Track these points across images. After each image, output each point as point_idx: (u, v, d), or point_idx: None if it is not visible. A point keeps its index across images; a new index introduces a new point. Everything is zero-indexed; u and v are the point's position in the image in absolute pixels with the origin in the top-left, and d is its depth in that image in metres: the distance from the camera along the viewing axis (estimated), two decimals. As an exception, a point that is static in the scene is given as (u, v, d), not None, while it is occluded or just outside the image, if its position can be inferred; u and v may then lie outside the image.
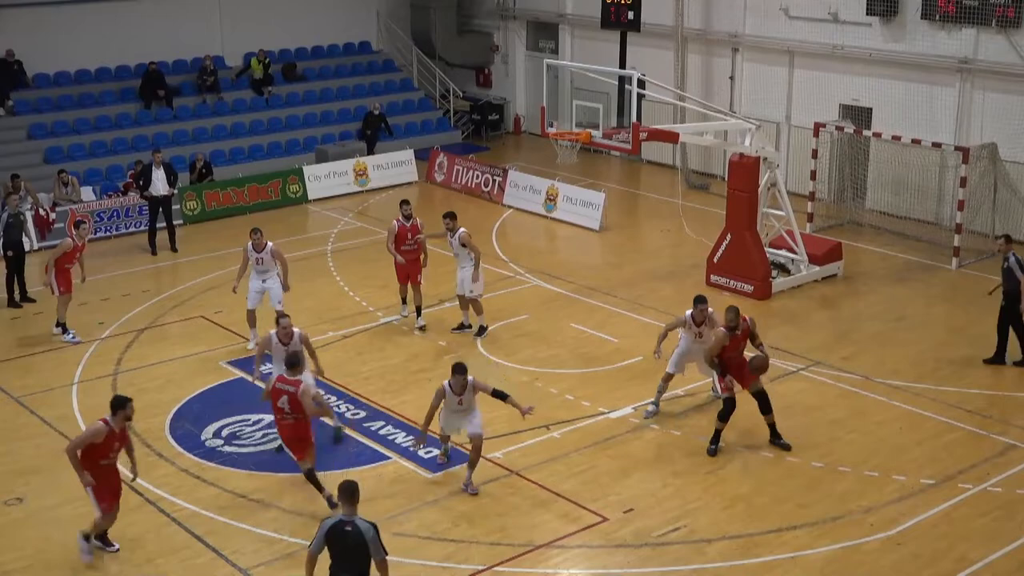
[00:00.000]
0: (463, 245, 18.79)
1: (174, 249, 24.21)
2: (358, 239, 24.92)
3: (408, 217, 19.54)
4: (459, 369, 14.07)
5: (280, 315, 15.75)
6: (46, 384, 17.54)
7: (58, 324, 19.27)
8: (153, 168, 24.06)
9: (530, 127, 34.82)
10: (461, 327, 19.33)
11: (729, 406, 15.13)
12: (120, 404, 12.58)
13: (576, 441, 15.53)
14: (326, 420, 15.24)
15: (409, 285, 19.58)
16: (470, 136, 34.76)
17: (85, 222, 20.46)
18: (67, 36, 29.89)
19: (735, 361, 15.20)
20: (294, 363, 13.92)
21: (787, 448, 15.21)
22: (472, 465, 14.25)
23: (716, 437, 15.23)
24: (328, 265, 23.10)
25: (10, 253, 20.96)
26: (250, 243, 18.42)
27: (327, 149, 30.13)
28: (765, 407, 15.29)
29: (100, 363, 18.26)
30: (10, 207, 21.48)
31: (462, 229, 18.88)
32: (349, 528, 10.27)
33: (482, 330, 19.18)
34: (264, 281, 18.51)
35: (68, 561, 12.85)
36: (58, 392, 17.26)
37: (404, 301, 19.93)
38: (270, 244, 18.46)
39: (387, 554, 10.39)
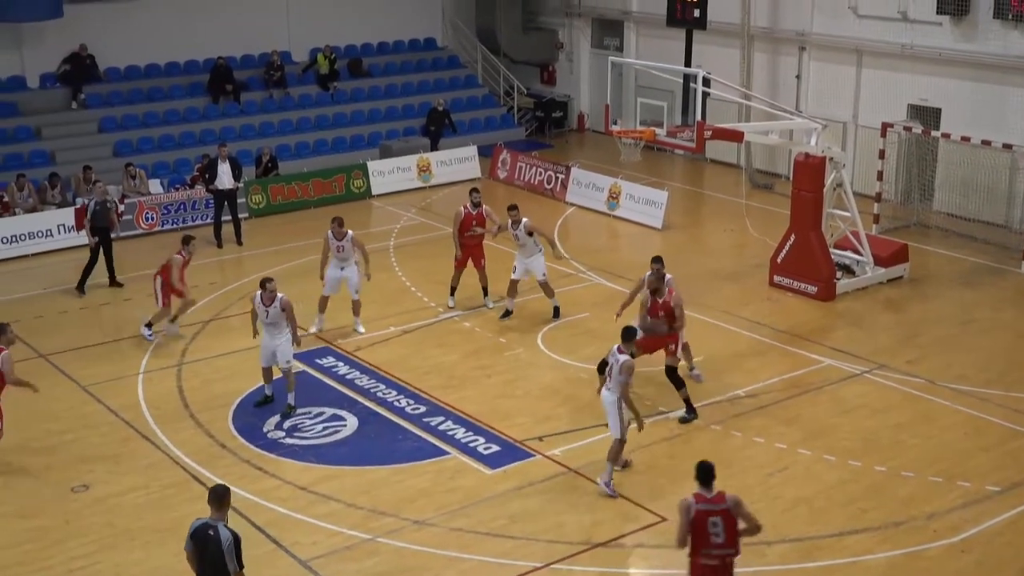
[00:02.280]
0: (529, 234, 19.33)
1: (239, 242, 24.44)
2: (420, 235, 25.00)
3: (476, 205, 20.04)
4: (631, 334, 13.90)
5: (266, 280, 16.13)
6: (113, 373, 17.78)
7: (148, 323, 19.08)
8: (219, 162, 24.30)
9: (594, 125, 34.71)
10: (507, 314, 19.76)
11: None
12: None
13: (636, 440, 15.41)
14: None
15: (476, 270, 20.14)
16: (534, 133, 34.74)
17: (194, 237, 19.50)
18: (138, 31, 30.26)
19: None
20: None
21: (688, 418, 15.81)
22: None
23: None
24: (390, 260, 23.20)
25: (96, 239, 21.30)
26: (330, 231, 18.78)
27: (391, 145, 30.25)
28: (676, 383, 15.89)
29: (165, 354, 18.47)
30: (97, 195, 21.86)
31: (525, 219, 19.36)
32: (212, 532, 10.01)
33: (557, 311, 19.64)
34: (343, 269, 18.88)
35: (131, 548, 13.01)
36: (125, 381, 17.49)
37: (452, 292, 20.19)
38: (350, 233, 18.82)
39: (242, 568, 10.04)
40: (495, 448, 15.25)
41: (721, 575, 10.48)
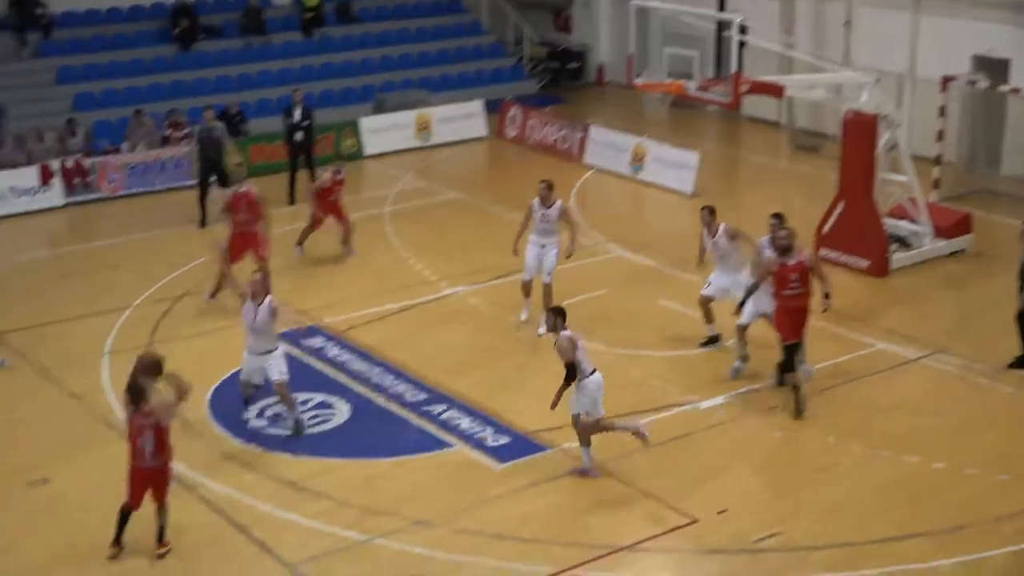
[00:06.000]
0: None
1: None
2: (419, 200, 25.04)
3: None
4: None
5: (256, 270, 16.24)
6: (75, 354, 17.87)
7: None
8: (294, 108, 24.88)
9: (615, 77, 34.65)
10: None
11: None
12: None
13: (663, 433, 15.48)
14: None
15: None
16: (547, 87, 34.72)
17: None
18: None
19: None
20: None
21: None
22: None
23: None
24: (385, 229, 23.24)
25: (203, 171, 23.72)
26: (537, 198, 18.24)
27: (386, 99, 30.26)
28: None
29: (134, 332, 18.54)
30: (204, 121, 23.89)
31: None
32: None
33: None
34: (543, 247, 18.28)
35: (96, 549, 13.10)
36: (87, 363, 17.58)
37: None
38: (559, 202, 18.30)
39: None
40: (504, 440, 15.32)
41: None
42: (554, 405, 14.30)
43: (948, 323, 18.96)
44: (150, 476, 12.86)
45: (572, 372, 14.03)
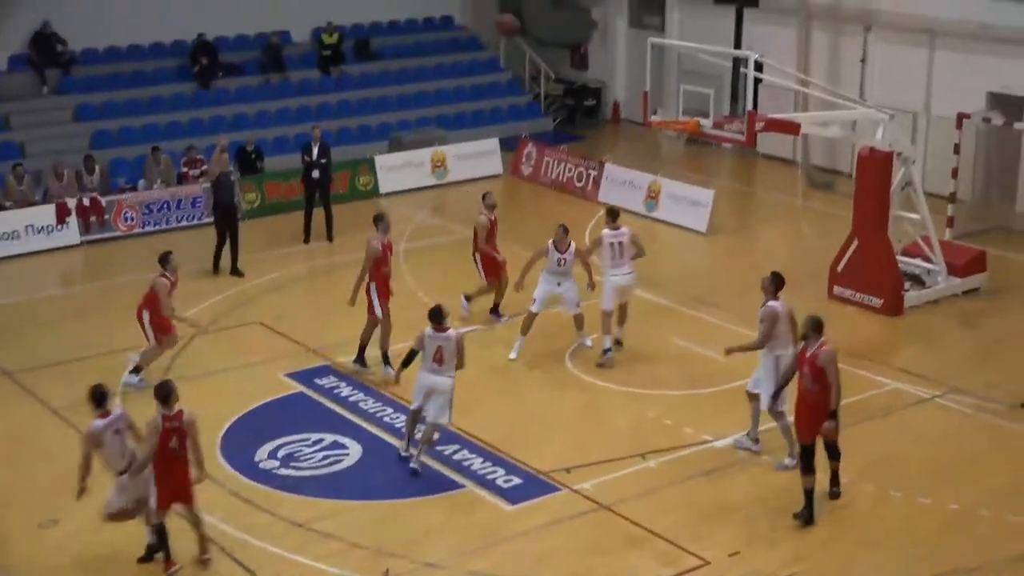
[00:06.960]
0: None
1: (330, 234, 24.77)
2: (434, 238, 25.04)
3: (492, 207, 20.68)
4: None
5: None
6: (87, 394, 17.82)
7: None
8: (312, 145, 25.09)
9: (630, 115, 34.68)
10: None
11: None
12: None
13: (675, 472, 15.44)
14: None
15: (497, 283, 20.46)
16: (563, 124, 34.78)
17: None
18: (118, 7, 30.41)
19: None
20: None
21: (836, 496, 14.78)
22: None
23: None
24: (400, 267, 23.22)
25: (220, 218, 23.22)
26: (551, 242, 18.82)
27: (402, 136, 30.31)
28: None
29: (147, 371, 18.53)
30: (219, 166, 23.44)
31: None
32: None
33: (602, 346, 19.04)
34: (559, 285, 18.90)
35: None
36: (100, 403, 17.55)
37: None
38: (573, 244, 18.87)
39: None
40: (516, 481, 15.26)
41: None
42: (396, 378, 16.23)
43: (962, 362, 18.86)
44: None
45: (408, 359, 15.48)
